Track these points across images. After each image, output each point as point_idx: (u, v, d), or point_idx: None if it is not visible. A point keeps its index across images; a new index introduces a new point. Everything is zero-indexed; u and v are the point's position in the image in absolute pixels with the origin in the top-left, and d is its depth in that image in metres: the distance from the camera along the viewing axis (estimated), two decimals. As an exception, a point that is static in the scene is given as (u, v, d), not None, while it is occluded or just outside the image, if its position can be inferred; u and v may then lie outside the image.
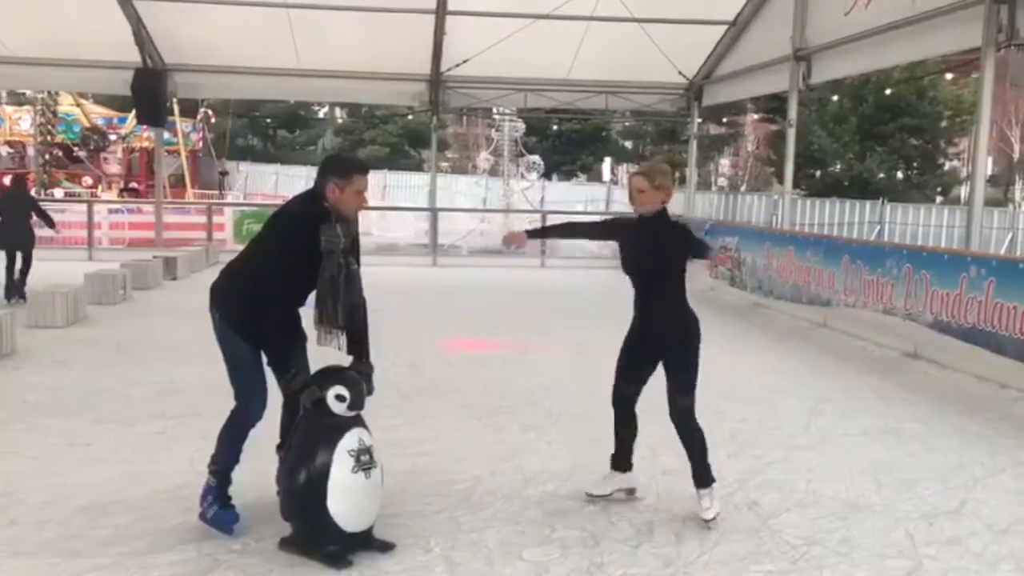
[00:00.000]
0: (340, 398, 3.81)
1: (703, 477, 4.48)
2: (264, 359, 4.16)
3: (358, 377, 3.93)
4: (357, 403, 3.84)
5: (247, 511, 4.22)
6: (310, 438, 3.83)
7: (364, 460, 3.82)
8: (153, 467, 5.04)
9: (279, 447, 4.34)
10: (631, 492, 4.74)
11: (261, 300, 3.97)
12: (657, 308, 4.41)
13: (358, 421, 3.89)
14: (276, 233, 4.09)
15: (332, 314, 4.03)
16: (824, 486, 5.03)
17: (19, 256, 11.11)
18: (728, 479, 5.07)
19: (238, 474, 4.25)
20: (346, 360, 4.14)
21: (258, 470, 4.40)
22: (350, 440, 3.80)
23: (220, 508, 4.16)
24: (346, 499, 3.77)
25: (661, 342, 4.41)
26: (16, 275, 11.05)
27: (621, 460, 4.70)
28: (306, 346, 4.20)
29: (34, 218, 11.33)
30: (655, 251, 4.36)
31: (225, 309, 4.13)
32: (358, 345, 4.18)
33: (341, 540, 3.82)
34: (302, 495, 3.79)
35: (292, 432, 3.98)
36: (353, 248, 4.13)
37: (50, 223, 11.63)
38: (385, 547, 3.97)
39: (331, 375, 3.88)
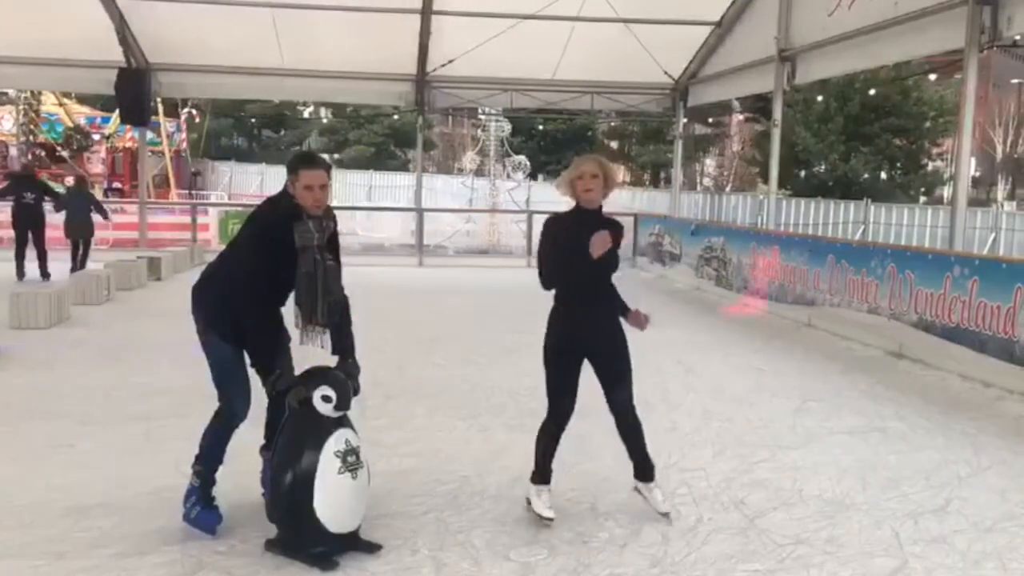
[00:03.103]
0: (326, 399, 3.79)
1: (649, 469, 4.48)
2: (248, 360, 4.15)
3: (344, 377, 3.91)
4: (343, 403, 3.83)
5: (232, 512, 4.21)
6: (296, 439, 3.81)
7: (351, 461, 3.80)
8: (137, 469, 5.01)
9: (263, 448, 4.32)
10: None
11: (240, 301, 3.96)
12: (601, 303, 4.38)
13: (344, 422, 3.88)
14: (251, 233, 4.09)
15: (311, 311, 4.02)
16: (810, 485, 5.04)
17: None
18: (714, 479, 5.10)
19: (222, 475, 4.23)
20: (331, 360, 4.12)
21: (243, 471, 4.39)
22: (336, 441, 3.79)
23: (203, 509, 4.14)
24: (333, 500, 3.76)
25: (603, 337, 4.37)
26: (79, 258, 13.75)
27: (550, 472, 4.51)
28: (289, 346, 4.19)
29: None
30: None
31: (206, 311, 4.13)
32: (343, 345, 4.17)
33: (327, 541, 3.80)
34: (288, 496, 3.77)
35: (277, 433, 3.96)
36: (330, 245, 4.12)
37: (104, 215, 14.31)
38: (372, 548, 3.95)
39: (317, 375, 3.87)
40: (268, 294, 4.04)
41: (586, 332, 4.33)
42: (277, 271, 3.96)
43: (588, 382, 4.39)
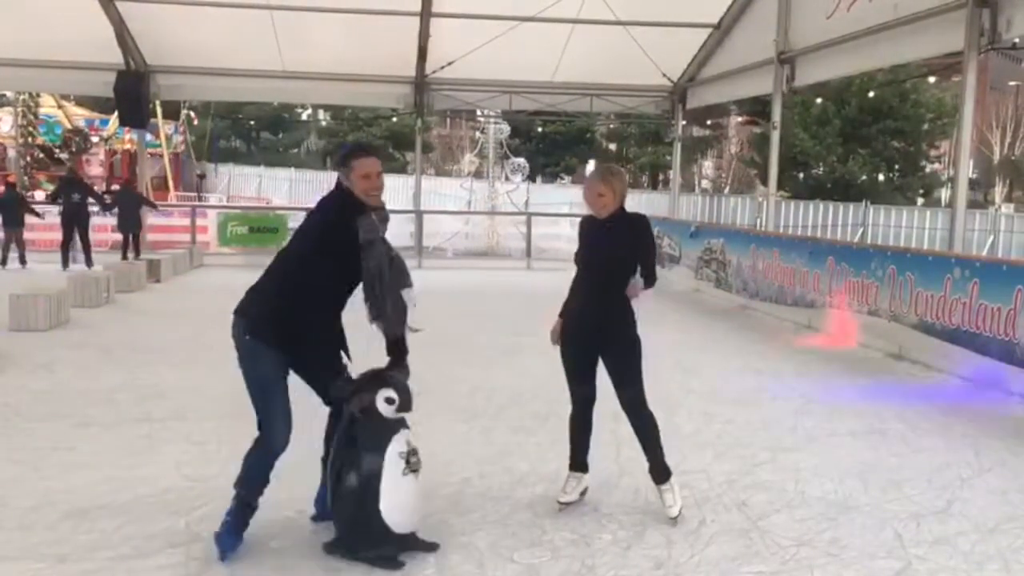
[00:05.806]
0: (389, 400, 3.84)
1: (661, 471, 4.50)
2: (293, 379, 3.97)
3: (404, 379, 3.96)
4: (406, 405, 3.89)
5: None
6: (360, 442, 3.82)
7: (413, 461, 3.87)
8: (138, 471, 5.00)
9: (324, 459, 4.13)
10: (584, 492, 4.69)
11: (305, 309, 3.82)
12: (612, 301, 4.43)
13: (403, 423, 3.94)
14: (311, 237, 3.94)
15: (381, 307, 3.93)
16: (812, 487, 5.04)
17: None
18: (716, 480, 5.09)
19: (223, 479, 4.21)
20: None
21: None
22: (399, 443, 3.85)
23: (227, 531, 3.92)
24: (399, 501, 3.81)
25: (608, 334, 4.45)
26: (131, 249, 15.87)
27: (582, 461, 4.67)
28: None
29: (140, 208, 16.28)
30: (618, 245, 4.45)
31: (261, 326, 3.88)
32: (396, 347, 4.12)
33: (392, 542, 3.84)
34: (353, 498, 3.80)
35: (335, 438, 3.91)
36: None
37: (154, 206, 17.19)
38: (430, 548, 3.99)
39: (377, 379, 3.89)
40: (335, 299, 3.95)
41: (584, 329, 4.47)
42: (343, 272, 3.86)
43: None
